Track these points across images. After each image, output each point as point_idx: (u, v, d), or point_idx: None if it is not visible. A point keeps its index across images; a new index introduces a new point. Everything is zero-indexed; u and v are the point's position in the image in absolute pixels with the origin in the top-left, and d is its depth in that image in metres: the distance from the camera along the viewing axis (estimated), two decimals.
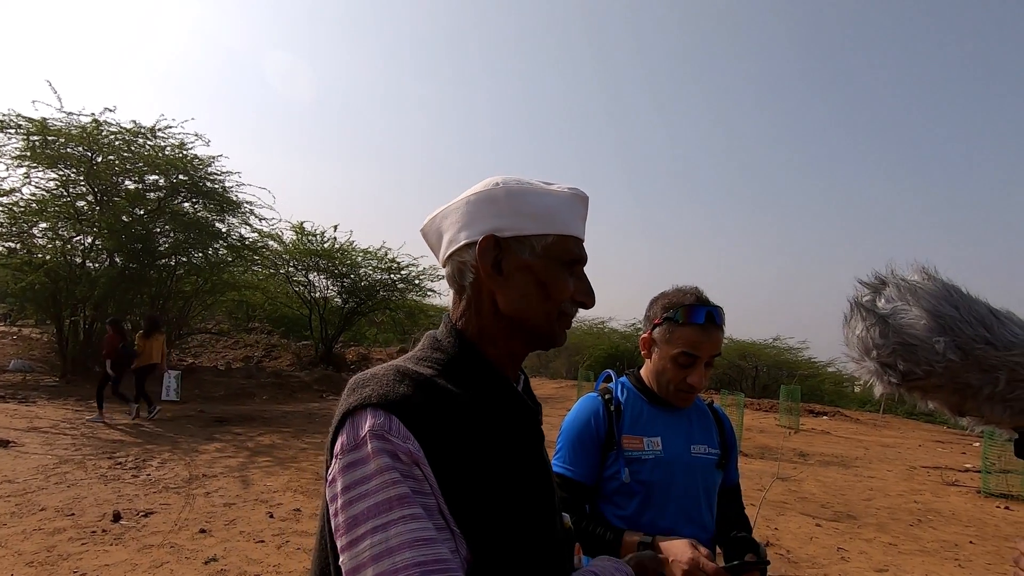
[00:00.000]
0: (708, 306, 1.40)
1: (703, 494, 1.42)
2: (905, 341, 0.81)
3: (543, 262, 0.79)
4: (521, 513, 0.72)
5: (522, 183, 0.81)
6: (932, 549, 5.22)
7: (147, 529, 4.19)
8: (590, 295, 0.84)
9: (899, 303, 0.84)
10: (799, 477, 7.83)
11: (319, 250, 16.21)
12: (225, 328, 18.64)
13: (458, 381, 0.76)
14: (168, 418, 8.67)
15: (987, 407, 0.79)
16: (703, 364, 1.39)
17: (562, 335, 0.83)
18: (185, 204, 12.96)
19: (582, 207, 0.84)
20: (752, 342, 25.97)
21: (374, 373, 0.73)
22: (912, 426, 16.95)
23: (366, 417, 0.67)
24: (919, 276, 0.86)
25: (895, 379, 0.83)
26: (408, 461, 0.65)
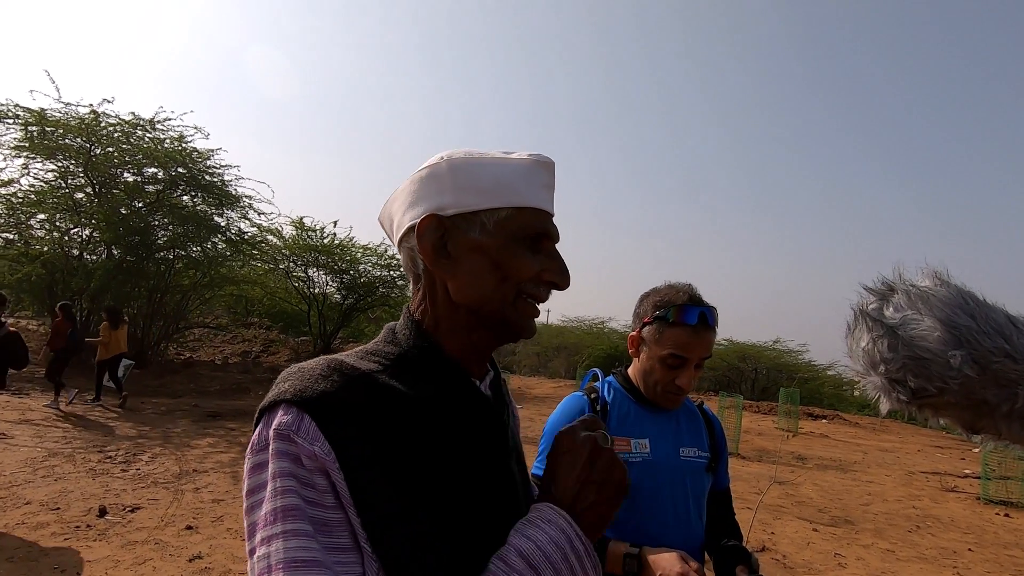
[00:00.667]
0: (701, 306, 1.33)
1: (692, 499, 1.36)
2: (916, 355, 0.72)
3: (496, 240, 0.70)
4: (463, 528, 0.63)
5: (471, 154, 0.72)
6: (930, 556, 5.15)
7: (132, 525, 4.13)
8: (562, 274, 0.74)
9: (909, 312, 0.75)
10: (797, 481, 7.75)
11: (318, 246, 16.12)
12: (223, 322, 18.55)
13: (407, 378, 0.68)
14: (162, 412, 8.62)
15: (1004, 424, 0.71)
16: (693, 366, 1.33)
17: (526, 322, 0.73)
18: (184, 197, 12.89)
19: (545, 174, 0.74)
20: (752, 344, 25.89)
21: (301, 366, 0.66)
22: (911, 431, 16.87)
23: (276, 414, 0.60)
24: (931, 281, 0.77)
25: (905, 396, 0.74)
26: (311, 467, 0.58)
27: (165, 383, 11.22)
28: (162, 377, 11.70)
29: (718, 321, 1.37)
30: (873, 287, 0.80)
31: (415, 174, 0.73)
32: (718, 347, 26.05)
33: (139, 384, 10.76)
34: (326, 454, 0.58)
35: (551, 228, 0.74)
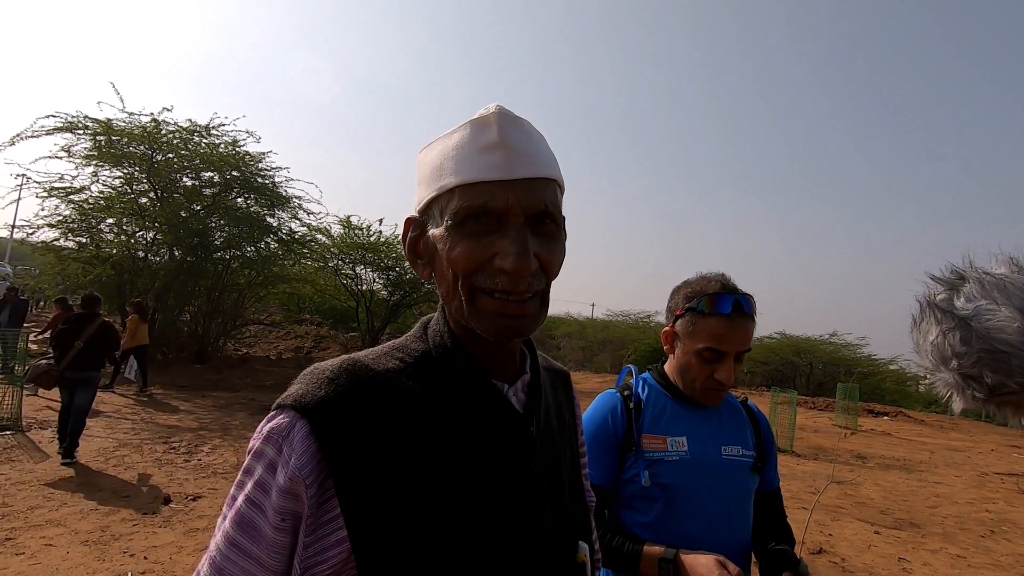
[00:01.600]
0: (735, 294, 1.25)
1: (735, 500, 1.29)
2: (993, 348, 0.66)
3: (446, 231, 0.62)
4: (462, 544, 0.59)
5: (434, 138, 0.67)
6: (1006, 563, 4.81)
7: (194, 513, 4.34)
8: (508, 256, 0.59)
9: (983, 302, 0.68)
10: (857, 480, 7.40)
11: (365, 243, 16.51)
12: (277, 319, 19.26)
13: (426, 379, 0.65)
14: (221, 405, 9.02)
15: None
16: (731, 359, 1.26)
17: (490, 323, 0.61)
18: (238, 199, 13.42)
19: (486, 132, 0.61)
20: (807, 338, 24.92)
21: (316, 367, 0.64)
22: (984, 429, 15.84)
23: (276, 416, 0.60)
24: (1007, 268, 0.70)
25: (981, 393, 0.68)
26: (284, 483, 0.57)
27: (224, 378, 11.74)
28: (221, 372, 12.24)
29: (756, 310, 1.29)
30: (941, 276, 0.73)
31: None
32: (771, 341, 25.21)
33: (200, 379, 11.30)
34: (301, 468, 0.56)
35: (495, 199, 0.60)
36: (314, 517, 0.57)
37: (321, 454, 0.57)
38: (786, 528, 1.39)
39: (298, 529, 0.57)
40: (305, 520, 0.57)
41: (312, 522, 0.57)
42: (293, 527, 0.57)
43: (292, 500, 0.57)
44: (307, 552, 0.57)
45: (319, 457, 0.57)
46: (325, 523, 0.57)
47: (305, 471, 0.56)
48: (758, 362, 25.07)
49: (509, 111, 0.64)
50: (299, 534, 0.57)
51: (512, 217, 0.61)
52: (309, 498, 0.56)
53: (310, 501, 0.56)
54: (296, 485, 0.56)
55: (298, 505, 0.57)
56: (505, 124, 0.61)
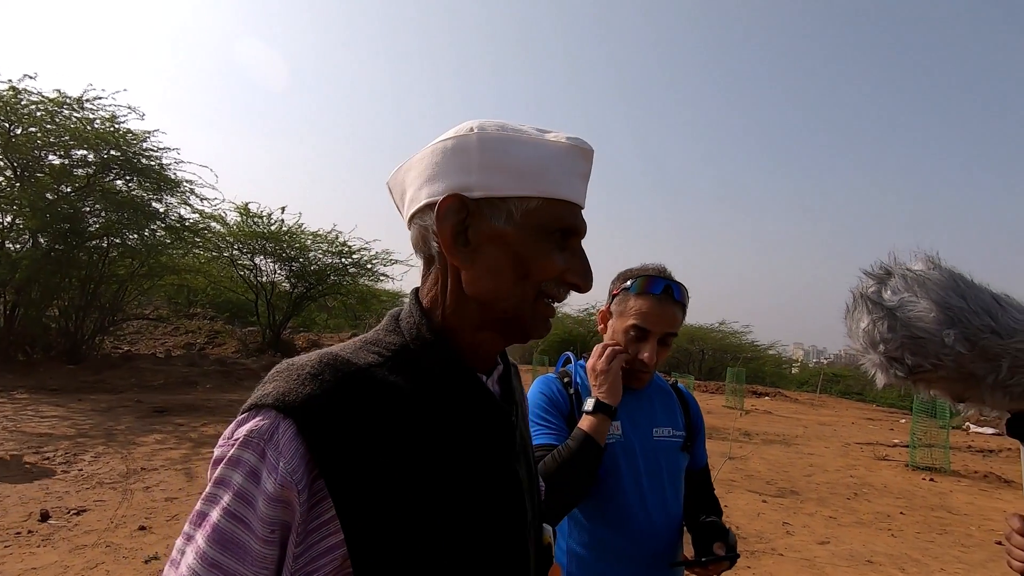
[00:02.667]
0: (668, 280, 1.34)
1: (668, 478, 1.36)
2: (914, 334, 0.78)
3: (523, 232, 0.63)
4: (461, 537, 0.60)
5: (505, 129, 0.64)
6: (868, 521, 5.53)
7: (80, 528, 3.92)
8: (585, 276, 0.67)
9: (906, 295, 0.81)
10: (745, 456, 8.14)
11: (265, 232, 15.57)
12: (164, 314, 17.68)
13: (408, 373, 0.63)
14: (103, 409, 8.18)
15: (988, 394, 0.78)
16: (656, 340, 1.32)
17: (542, 325, 0.67)
18: (118, 182, 12.13)
19: (583, 163, 0.66)
20: (699, 326, 26.86)
21: (291, 363, 0.61)
22: (846, 405, 17.96)
23: (252, 418, 0.56)
24: (924, 265, 0.83)
25: (902, 372, 0.80)
26: (271, 490, 0.53)
27: (104, 378, 10.63)
28: (100, 372, 11.07)
29: (687, 300, 1.37)
30: (871, 271, 0.85)
31: (438, 143, 0.65)
32: None
33: (74, 380, 10.16)
34: (292, 473, 0.53)
35: (581, 224, 0.67)
36: (304, 524, 0.54)
37: (310, 456, 0.54)
38: (715, 502, 1.48)
39: (287, 540, 0.54)
40: (295, 529, 0.54)
41: (302, 530, 0.54)
42: (282, 538, 0.54)
43: (282, 508, 0.53)
44: (297, 563, 0.54)
45: (309, 459, 0.54)
46: (315, 530, 0.55)
47: (296, 475, 0.53)
48: None
49: None
50: (288, 544, 0.54)
51: (581, 240, 0.69)
52: (300, 504, 0.53)
53: (301, 508, 0.53)
54: (288, 492, 0.53)
55: (288, 513, 0.53)
56: (592, 160, 0.69)
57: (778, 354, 29.75)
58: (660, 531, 1.31)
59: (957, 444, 9.89)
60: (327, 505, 0.54)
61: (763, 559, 4.30)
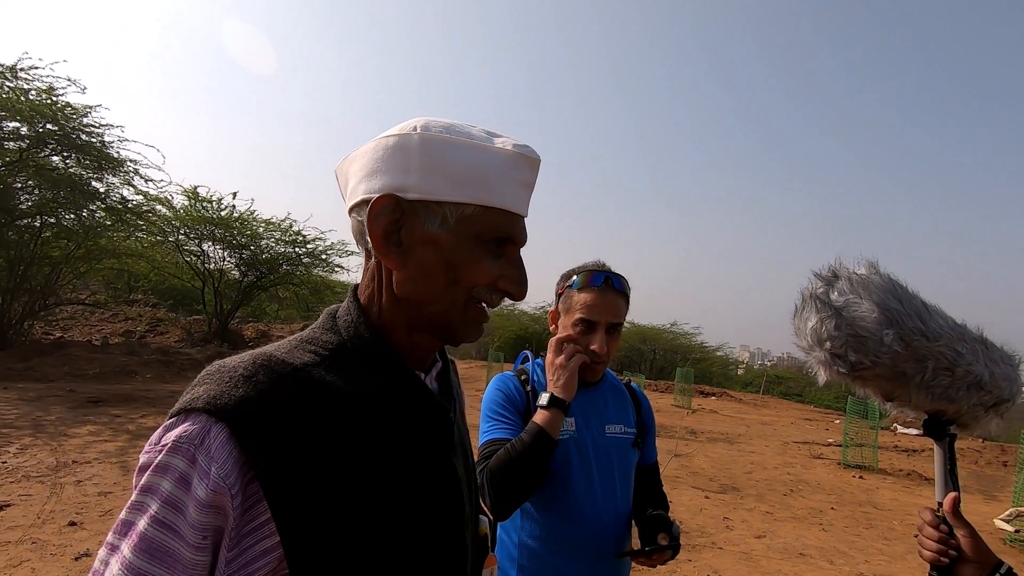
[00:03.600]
0: (608, 272, 1.41)
1: (618, 473, 1.41)
2: (857, 333, 0.84)
3: (456, 238, 0.62)
4: (399, 533, 0.60)
5: (451, 130, 0.63)
6: (801, 515, 5.82)
7: (2, 524, 3.70)
8: (519, 284, 0.67)
9: (851, 296, 0.87)
10: (691, 453, 8.41)
11: (215, 218, 14.98)
12: (102, 299, 16.77)
13: (345, 371, 0.62)
14: (31, 398, 7.71)
15: (914, 393, 0.85)
16: (603, 330, 1.37)
17: (472, 329, 0.67)
18: (54, 158, 11.42)
19: (528, 172, 0.66)
20: (651, 326, 27.51)
21: (223, 364, 0.60)
22: (786, 405, 18.78)
23: (182, 423, 0.55)
24: (867, 269, 0.90)
25: (844, 369, 0.86)
26: (202, 496, 0.52)
27: (32, 366, 10.01)
28: (28, 359, 10.43)
29: (628, 290, 1.44)
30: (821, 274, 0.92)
31: (382, 138, 0.64)
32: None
33: (0, 367, 9.53)
34: (224, 478, 0.52)
35: (519, 233, 0.67)
36: (237, 529, 0.54)
37: (244, 459, 0.53)
38: (662, 496, 1.54)
39: (219, 545, 0.53)
40: (228, 534, 0.53)
41: (235, 534, 0.53)
42: (214, 544, 0.53)
43: (214, 514, 0.52)
44: (230, 568, 0.53)
45: (242, 462, 0.53)
46: (248, 534, 0.54)
47: (229, 480, 0.52)
48: None
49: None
50: (220, 550, 0.53)
51: (519, 248, 0.69)
52: (234, 509, 0.53)
53: (235, 512, 0.53)
54: (220, 497, 0.52)
55: (220, 519, 0.53)
56: (538, 169, 0.68)
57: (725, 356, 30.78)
58: (609, 524, 1.36)
59: (885, 444, 10.51)
60: (262, 508, 0.54)
61: (704, 552, 4.46)
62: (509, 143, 0.64)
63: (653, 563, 1.28)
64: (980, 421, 0.90)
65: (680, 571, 4.04)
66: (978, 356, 0.85)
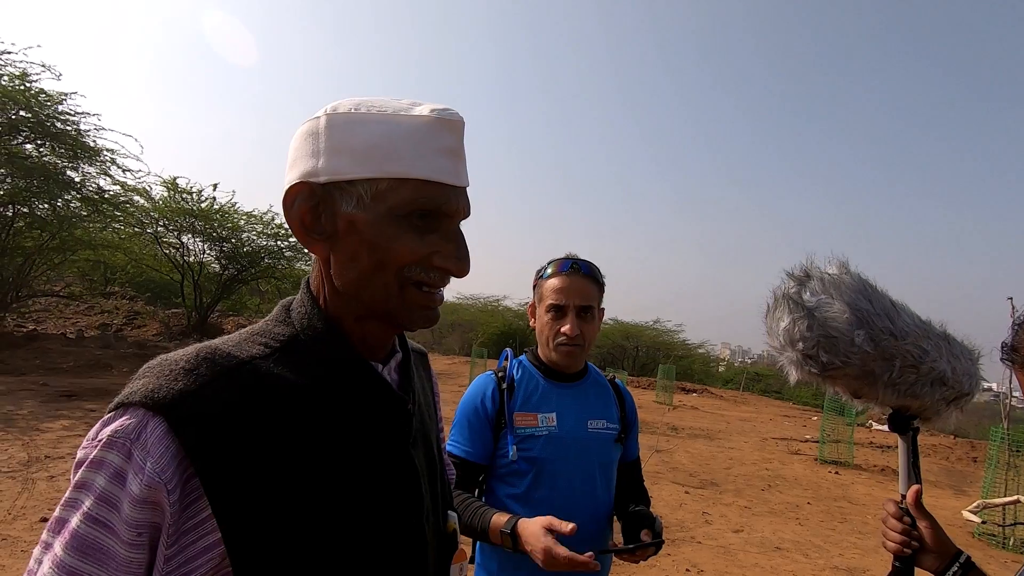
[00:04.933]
0: (575, 259, 1.44)
1: (599, 469, 1.41)
2: (828, 333, 0.85)
3: (373, 216, 0.59)
4: (348, 527, 0.59)
5: (359, 107, 0.60)
6: (779, 510, 5.92)
7: None
8: (457, 260, 0.63)
9: (823, 296, 0.87)
10: (671, 449, 8.50)
11: (194, 210, 14.74)
12: (77, 291, 16.40)
13: (296, 364, 0.61)
14: (2, 392, 7.53)
15: (882, 391, 0.87)
16: (573, 313, 1.39)
17: (419, 314, 0.63)
18: (27, 146, 11.14)
19: (448, 137, 0.61)
20: (635, 324, 27.70)
21: (165, 358, 0.57)
22: (765, 402, 19.06)
23: (119, 417, 0.53)
24: (838, 270, 0.90)
25: (816, 369, 0.87)
26: (137, 491, 0.50)
27: (3, 359, 9.77)
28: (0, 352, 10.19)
29: (598, 275, 1.46)
30: (793, 273, 0.92)
31: (299, 127, 0.63)
32: (605, 325, 27.58)
33: None
34: (160, 473, 0.51)
35: (449, 203, 0.61)
36: (176, 526, 0.52)
37: (183, 454, 0.52)
38: (644, 492, 1.54)
39: (156, 542, 0.52)
40: (166, 531, 0.51)
41: (174, 531, 0.52)
42: (151, 541, 0.51)
43: (150, 511, 0.51)
44: (169, 566, 0.51)
45: (181, 457, 0.52)
46: (189, 530, 0.52)
47: (166, 475, 0.51)
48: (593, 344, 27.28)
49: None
50: (158, 547, 0.52)
51: (456, 221, 0.64)
52: (171, 505, 0.51)
53: (172, 508, 0.51)
54: (156, 493, 0.50)
55: (157, 515, 0.51)
56: (462, 131, 0.63)
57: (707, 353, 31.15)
58: (589, 520, 1.36)
59: (860, 440, 10.72)
60: (202, 504, 0.52)
61: (683, 547, 4.52)
62: (427, 108, 0.61)
63: (636, 559, 1.28)
64: (942, 415, 0.92)
65: (659, 565, 4.09)
66: (941, 352, 0.87)
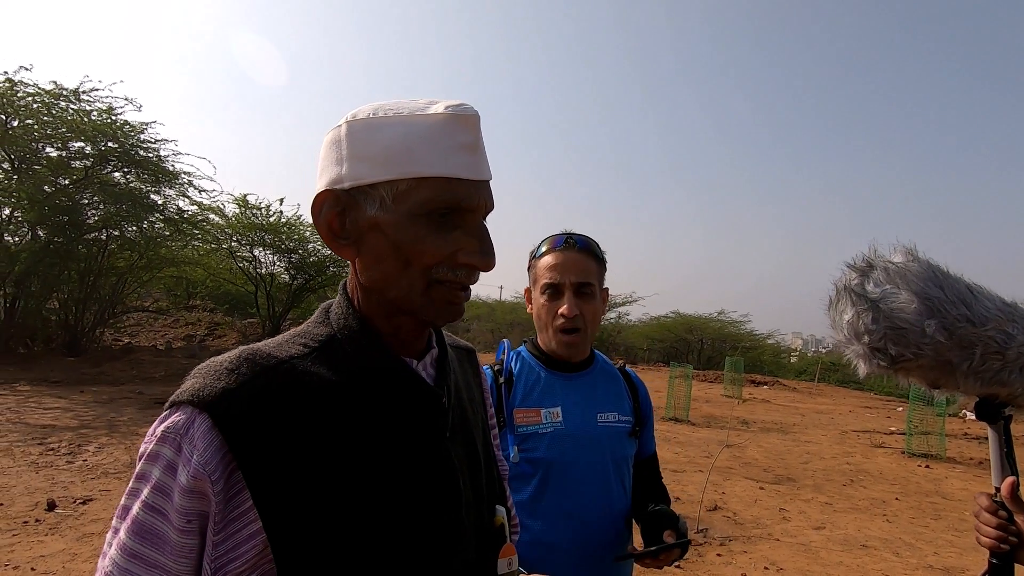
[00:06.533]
0: (569, 234, 1.31)
1: (613, 467, 1.28)
2: (896, 325, 0.81)
3: (397, 217, 0.61)
4: (383, 520, 0.60)
5: (377, 112, 0.62)
6: (863, 506, 5.60)
7: (86, 517, 3.97)
8: (482, 255, 0.64)
9: (888, 287, 0.83)
10: (743, 444, 8.21)
11: (264, 224, 15.54)
12: (164, 306, 17.72)
13: (334, 363, 0.63)
14: (104, 401, 8.22)
15: (962, 381, 0.82)
16: (571, 291, 1.27)
17: (444, 310, 0.65)
18: (115, 174, 12.10)
19: (464, 133, 0.62)
20: (698, 316, 26.89)
21: (211, 361, 0.62)
22: (843, 394, 18.06)
23: (172, 415, 0.57)
24: (903, 257, 0.86)
25: (885, 362, 0.83)
26: (187, 483, 0.54)
27: (104, 371, 10.67)
28: (100, 364, 11.11)
29: (599, 251, 1.34)
30: (854, 264, 0.88)
31: (325, 136, 0.65)
32: (666, 320, 26.92)
33: (75, 372, 10.19)
34: (204, 464, 0.54)
35: (470, 199, 0.62)
36: (223, 514, 0.55)
37: (227, 447, 0.55)
38: (662, 489, 1.40)
39: (205, 529, 0.55)
40: (213, 519, 0.55)
41: (221, 519, 0.55)
42: (200, 528, 0.55)
43: (197, 499, 0.55)
44: (217, 551, 0.55)
45: (224, 451, 0.55)
46: (235, 519, 0.56)
47: (210, 467, 0.54)
48: (655, 339, 26.73)
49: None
50: (207, 534, 0.55)
51: (479, 216, 0.65)
52: (216, 495, 0.55)
53: (217, 498, 0.55)
54: (201, 483, 0.54)
55: (204, 504, 0.55)
56: (480, 126, 0.64)
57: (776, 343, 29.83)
58: (603, 523, 1.24)
59: (953, 431, 9.98)
60: (246, 495, 0.56)
61: (760, 544, 4.36)
62: (441, 106, 0.61)
63: (660, 564, 1.16)
64: None
65: (736, 563, 3.97)
66: None
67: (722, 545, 4.28)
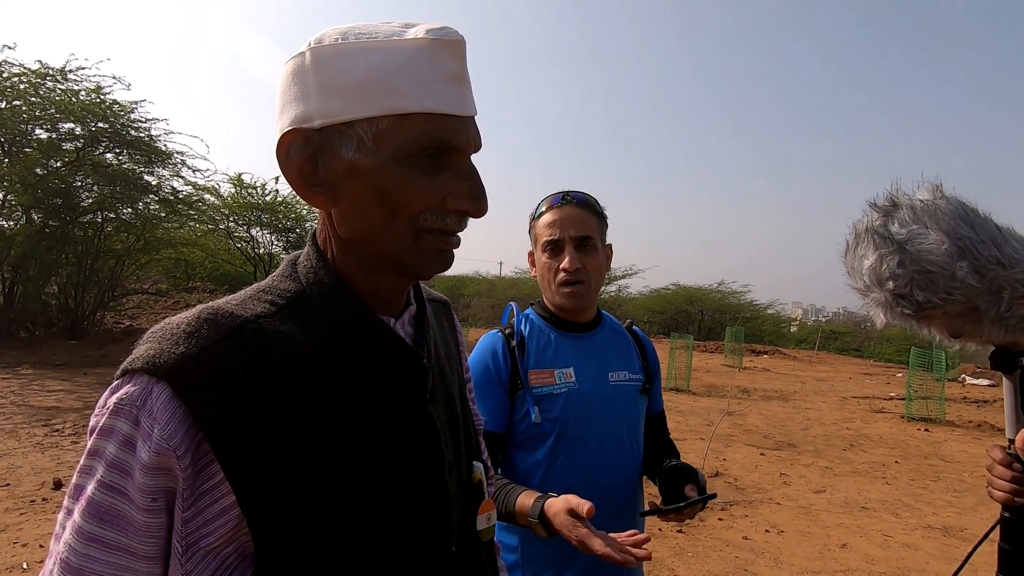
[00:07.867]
0: (566, 192, 1.32)
1: (625, 425, 1.29)
2: (924, 269, 0.74)
3: (378, 159, 0.54)
4: (363, 483, 0.57)
5: (347, 36, 0.54)
6: (863, 470, 5.66)
7: None
8: (473, 199, 0.58)
9: (915, 227, 0.76)
10: (743, 412, 8.27)
11: (260, 203, 15.43)
12: (163, 288, 17.66)
13: (304, 321, 0.58)
14: (108, 382, 8.25)
15: (988, 328, 0.76)
16: (571, 246, 1.27)
17: (432, 261, 0.59)
18: (108, 155, 11.94)
19: (449, 61, 0.55)
20: (698, 287, 26.88)
21: (167, 323, 0.56)
22: (843, 361, 18.15)
23: (124, 385, 0.52)
24: (931, 194, 0.79)
25: (910, 309, 0.76)
26: (147, 458, 0.50)
27: (107, 353, 10.70)
28: (102, 347, 11.14)
29: (599, 207, 1.34)
30: (876, 203, 0.81)
31: (283, 67, 0.57)
32: (667, 292, 26.91)
33: (77, 355, 10.23)
34: (168, 439, 0.49)
35: (458, 137, 0.56)
36: (191, 489, 0.51)
37: (191, 418, 0.50)
38: (671, 445, 1.42)
39: (172, 506, 0.51)
40: (181, 495, 0.51)
41: (189, 495, 0.51)
42: (167, 505, 0.51)
43: (162, 476, 0.50)
44: (188, 528, 0.51)
45: (189, 422, 0.50)
46: (205, 493, 0.52)
47: (174, 441, 0.49)
48: (656, 311, 26.76)
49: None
50: (175, 511, 0.51)
51: (467, 156, 0.59)
52: (183, 470, 0.50)
53: (184, 473, 0.50)
54: (165, 458, 0.49)
55: (170, 480, 0.50)
56: (465, 53, 0.57)
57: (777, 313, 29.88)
58: (619, 481, 1.26)
59: (952, 396, 10.05)
60: (215, 468, 0.51)
61: (760, 508, 4.41)
62: (422, 30, 0.54)
63: (682, 518, 1.16)
64: None
65: (737, 526, 4.02)
66: None
67: (723, 510, 4.33)
